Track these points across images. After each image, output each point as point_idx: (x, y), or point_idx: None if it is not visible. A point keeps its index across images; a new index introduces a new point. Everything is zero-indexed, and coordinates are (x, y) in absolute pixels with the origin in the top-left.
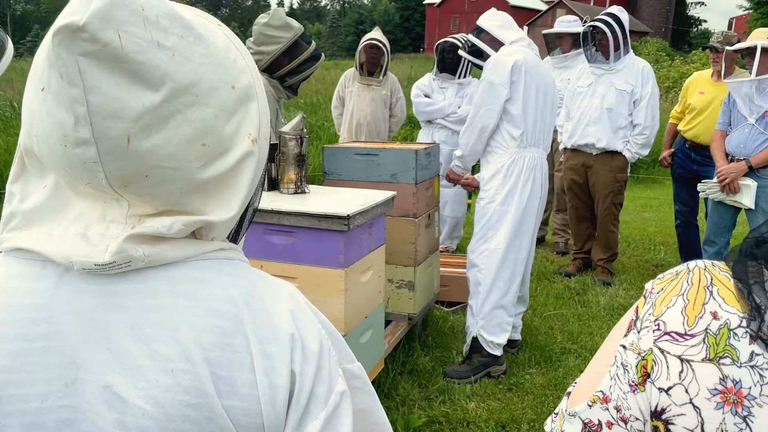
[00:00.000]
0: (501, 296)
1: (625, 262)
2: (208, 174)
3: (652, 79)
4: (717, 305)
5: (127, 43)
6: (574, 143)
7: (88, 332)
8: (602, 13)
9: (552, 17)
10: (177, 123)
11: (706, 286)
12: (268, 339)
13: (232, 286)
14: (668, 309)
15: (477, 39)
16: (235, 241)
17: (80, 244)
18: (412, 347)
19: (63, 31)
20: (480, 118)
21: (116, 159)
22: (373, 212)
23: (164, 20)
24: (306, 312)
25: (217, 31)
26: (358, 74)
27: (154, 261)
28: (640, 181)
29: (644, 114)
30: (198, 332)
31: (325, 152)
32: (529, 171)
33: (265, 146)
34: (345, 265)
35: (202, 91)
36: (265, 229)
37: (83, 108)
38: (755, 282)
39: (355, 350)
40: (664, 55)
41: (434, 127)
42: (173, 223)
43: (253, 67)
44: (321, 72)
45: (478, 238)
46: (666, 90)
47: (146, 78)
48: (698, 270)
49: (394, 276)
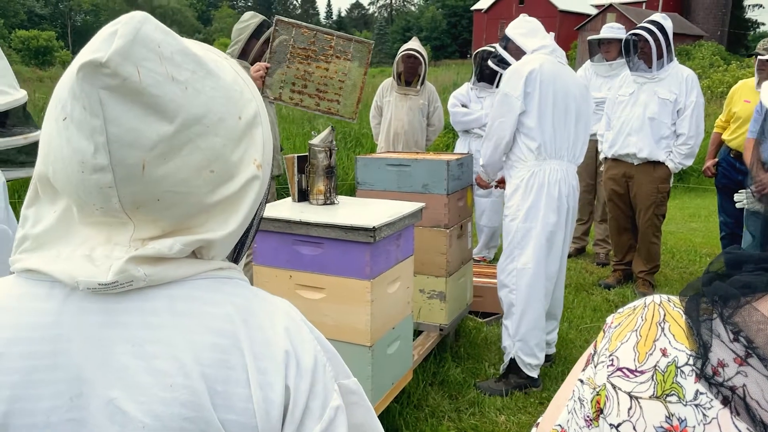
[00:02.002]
0: (537, 316)
1: (668, 274)
2: (215, 198)
3: (697, 87)
4: (667, 342)
5: (145, 77)
6: (615, 153)
7: (92, 349)
8: (645, 20)
9: (602, 21)
10: (189, 151)
11: (659, 322)
12: (264, 355)
13: (230, 305)
14: (622, 344)
15: (503, 49)
16: (236, 262)
17: (85, 265)
18: (443, 358)
19: (87, 67)
20: (495, 130)
21: (131, 184)
22: (401, 224)
23: (178, 56)
24: (302, 329)
25: (226, 66)
26: (396, 84)
27: (155, 280)
28: (690, 189)
29: (688, 123)
30: (196, 349)
31: (358, 163)
32: (551, 184)
33: (268, 170)
34: (371, 276)
35: (212, 122)
36: (294, 239)
37: (103, 137)
38: (705, 319)
39: (382, 361)
40: (719, 59)
41: (471, 136)
42: (173, 244)
43: (258, 97)
44: (367, 79)
45: (505, 256)
46: (720, 95)
47: (162, 110)
48: (653, 305)
49: (425, 286)
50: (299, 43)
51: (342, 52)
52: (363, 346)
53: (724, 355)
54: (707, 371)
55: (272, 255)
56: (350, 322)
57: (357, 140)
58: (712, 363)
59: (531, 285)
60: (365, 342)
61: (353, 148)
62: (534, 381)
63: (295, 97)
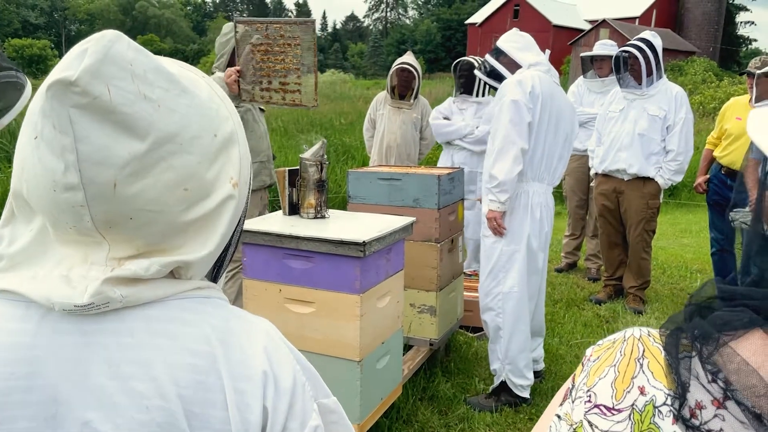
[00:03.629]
0: (524, 338)
1: (658, 289)
2: (189, 216)
3: (686, 104)
4: (645, 380)
5: (115, 96)
6: (605, 168)
7: (69, 370)
8: (635, 38)
9: (595, 37)
10: (161, 170)
11: (637, 359)
12: (242, 376)
13: (208, 325)
14: (600, 380)
15: (495, 61)
16: (214, 280)
17: (61, 286)
18: (433, 373)
19: (56, 85)
20: (509, 139)
21: (103, 203)
22: (391, 238)
23: (151, 75)
24: (280, 349)
25: (202, 83)
26: (389, 97)
27: (131, 301)
28: (681, 205)
29: (677, 140)
30: (173, 370)
31: (350, 176)
32: (534, 207)
33: (245, 189)
34: (361, 291)
35: (186, 140)
36: (284, 253)
37: (73, 156)
38: (684, 357)
39: (371, 376)
40: (711, 75)
41: (453, 148)
42: (150, 265)
43: (235, 114)
44: (362, 91)
45: (490, 279)
46: (712, 111)
47: (133, 128)
48: (632, 339)
49: (415, 301)
50: (257, 40)
51: (292, 38)
52: (352, 361)
53: (702, 397)
54: (684, 413)
55: (262, 268)
56: (339, 337)
57: (349, 153)
58: (690, 404)
59: (517, 307)
60: (354, 357)
61: (345, 160)
62: (525, 399)
63: (265, 95)
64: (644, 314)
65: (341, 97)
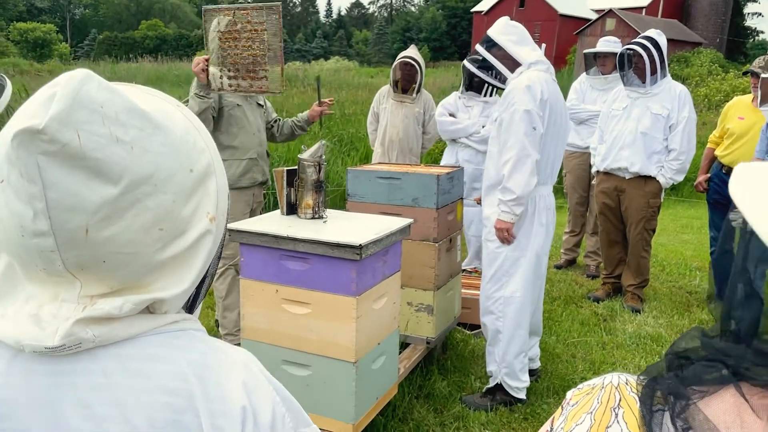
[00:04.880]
0: (522, 342)
1: (657, 287)
2: (165, 255)
3: (689, 103)
4: (620, 430)
5: (86, 141)
6: (607, 166)
7: (41, 412)
8: (640, 36)
9: (601, 27)
10: (136, 212)
11: (613, 408)
12: (220, 413)
13: (184, 361)
14: (576, 426)
15: (488, 53)
16: (191, 311)
17: (31, 327)
18: (429, 371)
19: (22, 134)
20: (527, 150)
21: (74, 248)
22: (388, 240)
23: (123, 115)
24: (260, 381)
25: (177, 116)
26: (392, 91)
27: (104, 341)
28: (683, 200)
29: (680, 139)
30: (148, 410)
31: (349, 175)
32: (540, 212)
33: (223, 221)
34: (357, 293)
35: (161, 180)
36: (281, 254)
37: (42, 203)
38: (658, 410)
39: (366, 377)
40: (717, 67)
41: (458, 146)
42: (124, 304)
43: (212, 145)
44: (366, 79)
45: (492, 283)
46: (717, 104)
47: (105, 172)
48: (610, 387)
49: (413, 299)
50: (224, 27)
51: (259, 24)
52: (347, 362)
53: None
54: None
55: (259, 269)
56: (335, 338)
57: (352, 144)
58: None
59: (518, 312)
60: (349, 358)
61: (348, 152)
62: (520, 399)
63: (233, 83)
64: (642, 313)
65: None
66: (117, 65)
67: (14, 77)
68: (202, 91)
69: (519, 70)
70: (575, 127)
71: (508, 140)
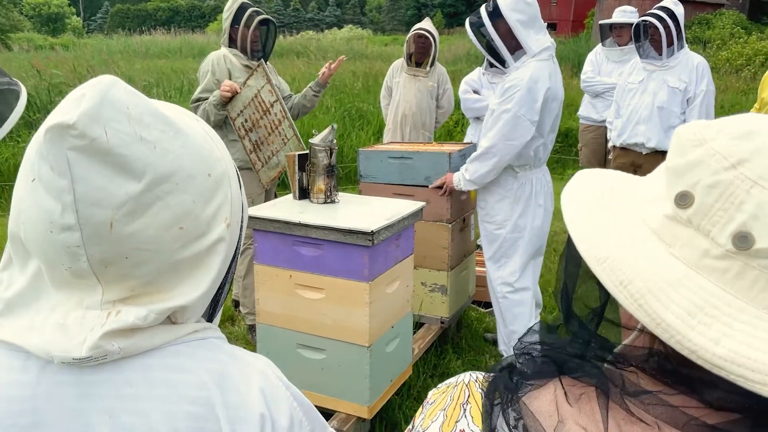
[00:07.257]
0: (526, 322)
1: None
2: (184, 254)
3: (708, 75)
4: (466, 423)
5: (112, 138)
6: (623, 141)
7: (69, 421)
8: (656, 7)
9: None
10: (157, 209)
11: (462, 404)
12: (240, 419)
13: (204, 370)
14: (432, 423)
15: (490, 23)
16: (211, 319)
17: (59, 338)
18: (444, 350)
19: (54, 129)
20: (498, 150)
21: (99, 243)
22: (400, 225)
23: (147, 117)
24: (277, 388)
25: (196, 126)
26: (406, 65)
27: (129, 352)
28: None
29: (698, 113)
30: (172, 419)
31: (360, 156)
32: (537, 194)
33: (236, 230)
34: (370, 279)
35: (181, 179)
36: (294, 240)
37: (70, 197)
38: (498, 403)
39: (380, 360)
40: (739, 29)
41: (482, 123)
42: (148, 314)
43: (228, 157)
44: (380, 48)
45: (492, 263)
46: (737, 69)
47: (129, 169)
48: (462, 385)
49: (427, 280)
50: (262, 95)
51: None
52: (362, 346)
53: None
54: None
55: (272, 254)
56: (349, 323)
57: (364, 117)
58: None
59: (519, 291)
60: (363, 342)
61: (361, 126)
62: None
63: (243, 132)
64: None
65: (358, 55)
66: (131, 38)
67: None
68: (219, 107)
69: (522, 59)
70: (591, 100)
71: (491, 130)
